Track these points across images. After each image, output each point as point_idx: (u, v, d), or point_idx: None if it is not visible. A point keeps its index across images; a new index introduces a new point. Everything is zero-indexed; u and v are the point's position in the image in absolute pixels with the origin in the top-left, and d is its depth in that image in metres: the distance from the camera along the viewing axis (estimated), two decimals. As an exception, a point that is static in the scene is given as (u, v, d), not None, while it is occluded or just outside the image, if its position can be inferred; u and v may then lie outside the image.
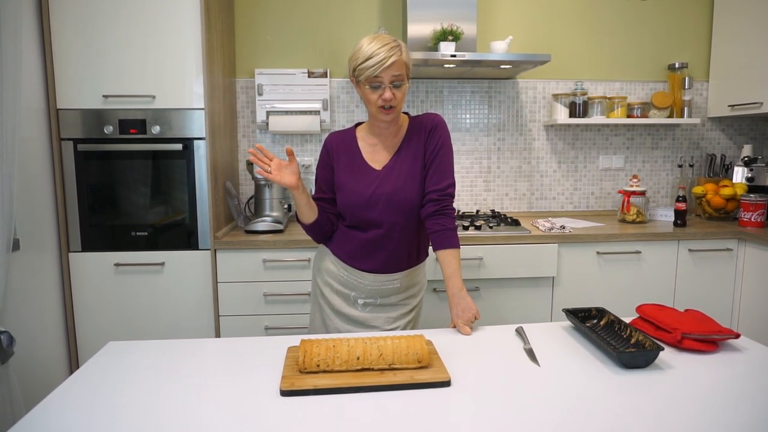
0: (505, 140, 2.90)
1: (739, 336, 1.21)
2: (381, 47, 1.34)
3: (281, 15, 2.72)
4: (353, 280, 1.53)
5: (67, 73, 2.11)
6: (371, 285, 1.53)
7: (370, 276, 1.52)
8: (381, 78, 1.35)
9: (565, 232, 2.34)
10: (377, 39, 1.37)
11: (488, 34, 2.79)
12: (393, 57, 1.34)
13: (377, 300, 1.55)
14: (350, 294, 1.55)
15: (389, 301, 1.56)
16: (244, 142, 2.77)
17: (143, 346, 1.22)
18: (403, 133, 1.52)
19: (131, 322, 2.23)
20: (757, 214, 2.48)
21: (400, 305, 1.57)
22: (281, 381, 1.00)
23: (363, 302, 1.55)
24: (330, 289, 1.58)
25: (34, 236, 2.03)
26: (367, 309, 1.55)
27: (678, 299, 2.42)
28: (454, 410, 0.92)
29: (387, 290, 1.54)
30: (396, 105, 1.40)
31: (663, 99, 2.79)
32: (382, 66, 1.33)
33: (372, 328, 1.54)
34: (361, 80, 1.38)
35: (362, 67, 1.36)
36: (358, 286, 1.54)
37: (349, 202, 1.49)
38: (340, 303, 1.56)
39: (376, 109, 1.41)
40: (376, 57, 1.33)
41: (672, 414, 0.90)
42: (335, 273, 1.56)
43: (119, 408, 0.93)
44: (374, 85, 1.37)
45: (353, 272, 1.53)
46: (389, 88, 1.37)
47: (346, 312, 1.55)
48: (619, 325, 1.26)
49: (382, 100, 1.38)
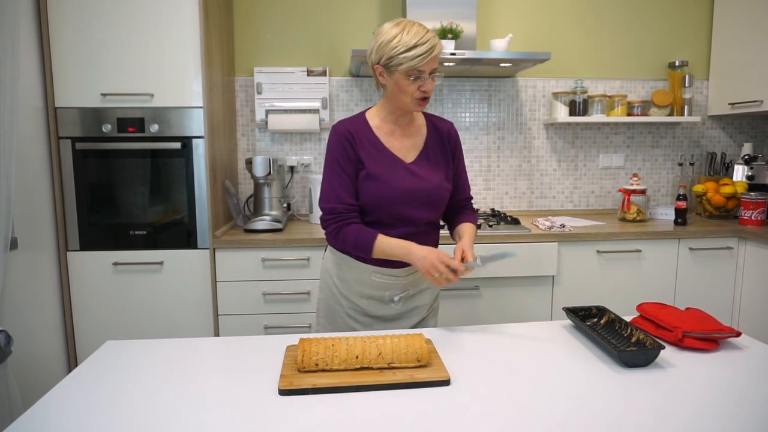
0: (504, 139, 2.89)
1: (740, 334, 1.21)
2: (424, 35, 1.26)
3: (280, 13, 2.71)
4: (386, 280, 1.44)
5: (66, 72, 2.10)
6: (406, 279, 1.46)
7: (404, 270, 1.44)
8: (424, 69, 1.28)
9: (565, 230, 2.33)
10: (413, 26, 1.28)
11: (488, 32, 2.79)
12: (439, 47, 1.28)
13: (411, 291, 1.48)
14: (384, 294, 1.46)
15: (421, 287, 1.50)
16: (243, 140, 2.76)
17: (141, 345, 1.21)
18: (424, 128, 1.47)
19: (130, 321, 2.23)
20: (758, 213, 2.48)
21: (430, 290, 1.54)
22: (280, 380, 0.99)
23: (398, 297, 1.46)
24: (359, 295, 1.47)
25: (32, 235, 2.02)
26: (402, 303, 1.48)
27: (678, 298, 2.41)
28: (454, 409, 0.91)
29: (420, 278, 1.49)
30: (430, 95, 1.34)
31: (663, 97, 2.78)
32: (429, 56, 1.25)
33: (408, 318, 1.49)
34: (400, 70, 1.28)
35: (405, 56, 1.26)
36: (392, 284, 1.45)
37: (381, 194, 1.36)
38: (374, 306, 1.47)
39: (412, 102, 1.33)
40: (422, 47, 1.25)
41: (673, 413, 0.90)
42: (365, 279, 1.45)
43: (117, 407, 0.93)
44: (415, 77, 1.29)
45: (386, 273, 1.43)
46: (430, 80, 1.31)
47: (381, 314, 1.48)
48: (620, 324, 1.25)
49: (421, 92, 1.30)
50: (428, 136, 1.46)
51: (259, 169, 2.39)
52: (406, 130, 1.44)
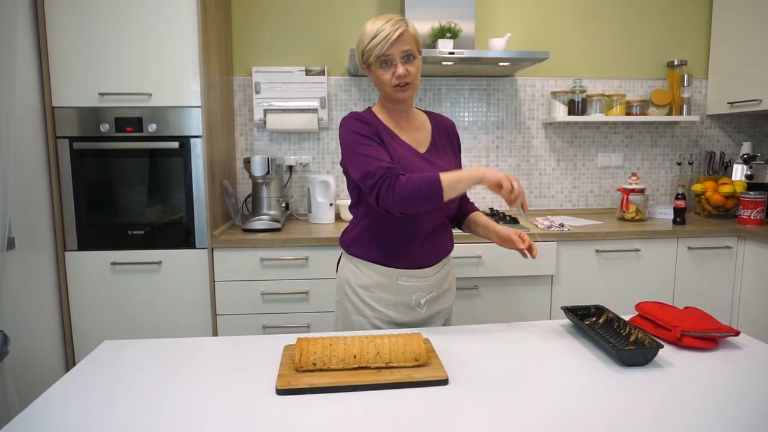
0: (503, 138, 2.89)
1: (739, 333, 1.21)
2: (385, 23, 1.30)
3: (279, 12, 2.71)
4: (413, 283, 1.41)
5: (63, 71, 2.09)
6: (433, 278, 1.44)
7: (431, 269, 1.43)
8: (391, 54, 1.30)
9: (564, 230, 2.33)
10: (380, 18, 1.33)
11: (486, 31, 2.78)
12: (399, 30, 1.29)
13: (435, 293, 1.46)
14: (411, 298, 1.42)
15: (443, 288, 1.49)
16: (242, 140, 2.76)
17: (139, 344, 1.21)
18: (428, 123, 1.49)
19: (128, 321, 2.22)
20: (757, 212, 2.48)
21: (451, 290, 1.53)
22: (277, 380, 0.99)
23: (425, 300, 1.43)
24: (385, 304, 1.42)
25: (30, 235, 2.01)
26: (426, 306, 1.45)
27: (677, 297, 2.41)
28: (452, 409, 0.91)
29: (442, 278, 1.48)
30: (411, 81, 1.34)
31: (662, 96, 2.78)
32: (389, 41, 1.28)
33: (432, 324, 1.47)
34: (372, 62, 1.32)
35: (370, 47, 1.30)
36: (419, 287, 1.42)
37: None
38: (401, 312, 1.43)
39: (391, 89, 1.34)
40: (382, 33, 1.29)
41: (672, 412, 0.89)
42: (390, 285, 1.41)
43: (114, 406, 0.92)
44: (385, 63, 1.32)
45: (412, 275, 1.41)
46: (401, 64, 1.31)
47: (408, 320, 1.44)
48: (619, 323, 1.25)
49: (396, 78, 1.32)
50: (433, 130, 1.49)
51: (258, 169, 2.38)
52: (411, 124, 1.46)
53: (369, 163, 1.28)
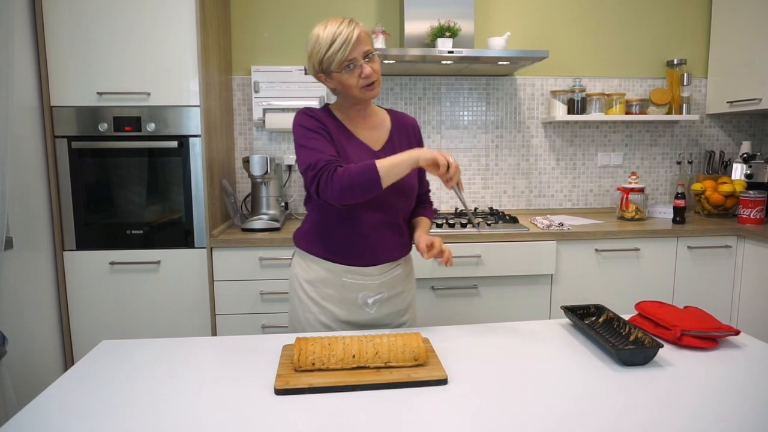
0: (503, 137, 2.88)
1: (739, 333, 1.20)
2: (338, 27, 1.29)
3: (277, 12, 2.70)
4: (358, 281, 1.39)
5: (61, 70, 2.09)
6: (380, 278, 1.41)
7: (377, 268, 1.40)
8: (354, 57, 1.29)
9: (563, 229, 2.32)
10: (329, 23, 1.31)
11: (486, 30, 2.78)
12: (356, 31, 1.29)
13: (385, 294, 1.43)
14: (357, 296, 1.40)
15: (396, 291, 1.45)
16: (241, 139, 2.75)
17: (137, 344, 1.20)
18: (388, 121, 1.48)
19: (127, 321, 2.22)
20: (756, 211, 2.47)
21: (405, 293, 1.49)
22: (276, 379, 0.99)
23: (373, 300, 1.41)
24: (330, 300, 1.40)
25: (28, 235, 2.01)
26: (376, 307, 1.42)
27: (677, 296, 2.41)
28: (451, 408, 0.91)
29: (394, 279, 1.44)
30: (377, 78, 1.34)
31: (661, 96, 2.78)
32: (350, 44, 1.27)
33: (384, 326, 1.44)
34: (333, 69, 1.30)
35: (330, 54, 1.28)
36: (365, 285, 1.40)
37: None
38: (346, 310, 1.41)
39: (359, 91, 1.32)
40: (340, 37, 1.27)
41: (671, 411, 0.89)
42: (335, 281, 1.39)
43: (112, 406, 0.92)
44: (349, 67, 1.29)
45: (357, 272, 1.39)
46: (365, 64, 1.31)
47: (354, 319, 1.42)
48: (618, 323, 1.25)
49: (363, 79, 1.30)
50: (392, 128, 1.48)
51: (257, 168, 2.38)
52: (368, 122, 1.45)
53: (311, 155, 1.28)
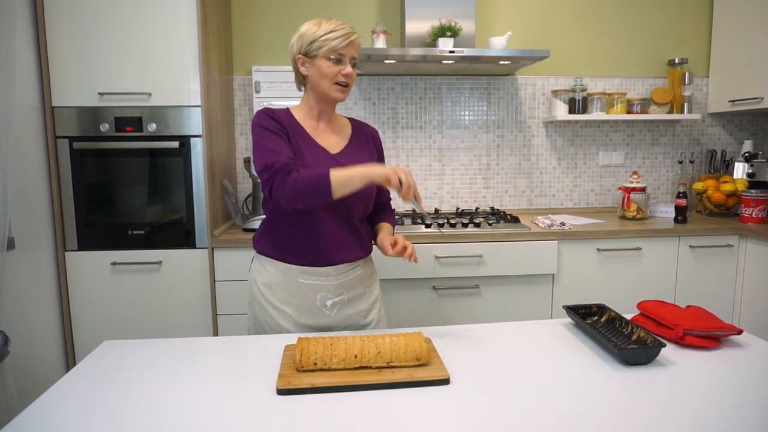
0: (504, 137, 2.88)
1: (742, 332, 1.20)
2: (340, 24, 1.34)
3: (278, 12, 2.70)
4: (314, 282, 1.38)
5: (63, 71, 2.09)
6: (337, 278, 1.39)
7: (333, 268, 1.38)
8: (345, 54, 1.34)
9: (565, 229, 2.32)
10: (330, 20, 1.36)
11: (487, 30, 2.78)
12: (355, 34, 1.35)
13: (345, 296, 1.41)
14: (315, 298, 1.38)
15: (356, 293, 1.43)
16: (242, 139, 2.75)
17: (139, 344, 1.20)
18: (348, 128, 1.50)
19: (128, 321, 2.22)
20: (758, 210, 2.47)
21: (366, 294, 1.47)
22: (278, 380, 0.99)
23: (331, 302, 1.39)
24: (287, 303, 1.38)
25: (30, 235, 2.01)
26: (336, 309, 1.40)
27: (679, 296, 2.40)
28: (454, 408, 0.91)
29: (353, 280, 1.42)
30: (351, 84, 1.38)
31: (663, 95, 2.77)
32: (347, 39, 1.32)
33: (345, 328, 1.41)
34: (321, 53, 1.32)
35: (326, 38, 1.32)
36: (322, 286, 1.38)
37: None
38: (304, 313, 1.39)
39: (330, 86, 1.35)
40: (340, 30, 1.33)
41: (674, 411, 0.89)
42: (290, 283, 1.38)
43: (114, 406, 0.92)
44: (336, 59, 1.33)
45: (313, 273, 1.37)
46: (350, 65, 1.36)
47: (313, 323, 1.39)
48: (620, 322, 1.25)
49: (343, 76, 1.35)
50: (353, 134, 1.50)
51: (258, 168, 2.37)
52: (329, 126, 1.46)
53: (268, 156, 1.28)
